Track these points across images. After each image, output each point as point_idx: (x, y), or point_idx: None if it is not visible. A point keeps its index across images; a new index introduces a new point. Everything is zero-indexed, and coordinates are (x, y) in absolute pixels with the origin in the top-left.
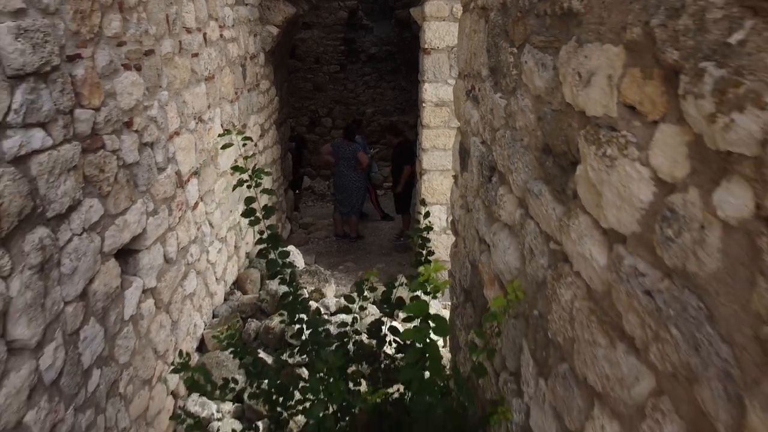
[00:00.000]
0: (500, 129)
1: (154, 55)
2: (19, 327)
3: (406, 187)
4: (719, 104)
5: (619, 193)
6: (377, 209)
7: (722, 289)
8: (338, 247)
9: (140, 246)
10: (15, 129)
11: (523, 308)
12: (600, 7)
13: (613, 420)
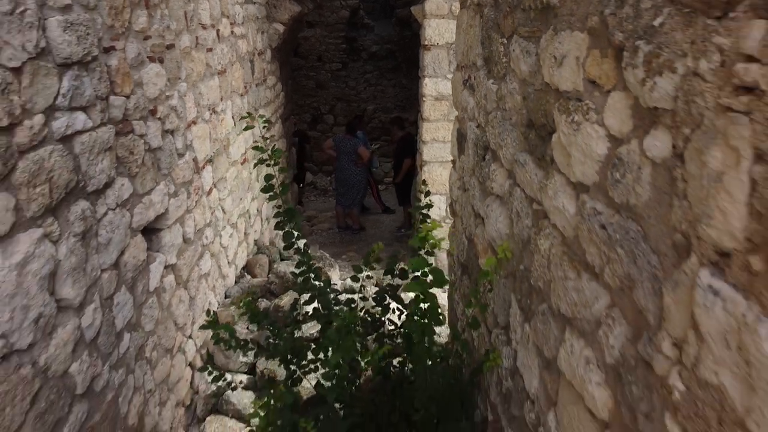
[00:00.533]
0: (492, 111)
1: (174, 49)
2: (65, 287)
3: (407, 179)
4: (647, 71)
5: (583, 150)
6: (378, 203)
7: (652, 213)
8: (341, 238)
9: (162, 225)
10: (63, 111)
11: (511, 267)
12: (571, 1)
13: (580, 338)
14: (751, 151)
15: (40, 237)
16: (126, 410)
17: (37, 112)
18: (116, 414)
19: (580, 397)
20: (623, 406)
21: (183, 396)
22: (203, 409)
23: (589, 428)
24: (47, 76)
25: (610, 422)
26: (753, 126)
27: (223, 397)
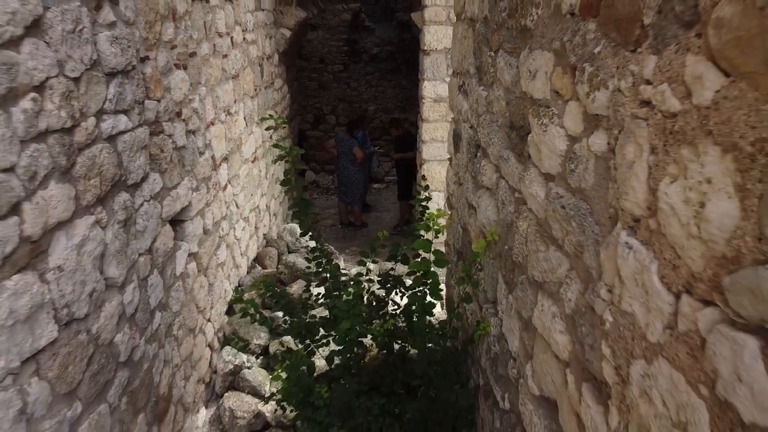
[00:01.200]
0: (483, 114)
1: (196, 57)
2: (111, 267)
3: (407, 175)
4: (590, 87)
5: (550, 147)
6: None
7: (595, 194)
8: (344, 234)
9: (186, 216)
10: (109, 114)
11: (498, 249)
12: (542, 27)
13: (548, 299)
14: (648, 146)
15: (92, 223)
16: (158, 380)
17: (90, 115)
18: (150, 382)
19: (548, 345)
20: (577, 344)
21: (203, 373)
22: (221, 386)
23: (555, 369)
24: (98, 84)
25: (569, 361)
26: (649, 129)
27: (239, 375)
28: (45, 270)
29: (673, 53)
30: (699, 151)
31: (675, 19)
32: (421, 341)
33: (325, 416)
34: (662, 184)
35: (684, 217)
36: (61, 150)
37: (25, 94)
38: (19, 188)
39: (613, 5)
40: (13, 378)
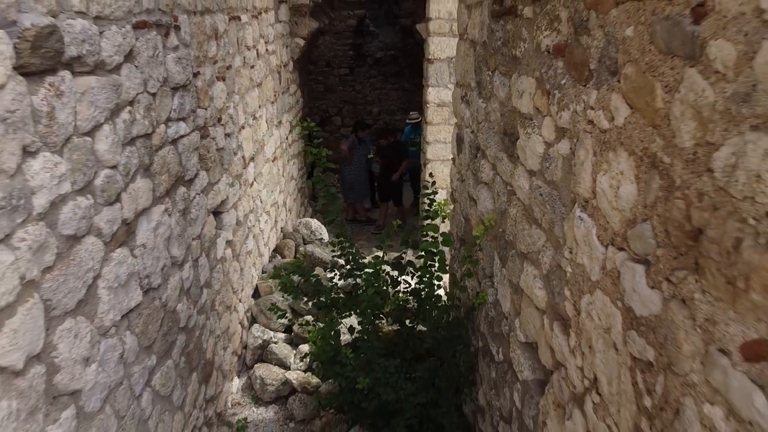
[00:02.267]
0: (482, 122)
1: (231, 69)
2: (174, 248)
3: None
4: (558, 107)
5: (532, 150)
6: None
7: (562, 184)
8: (350, 230)
9: (224, 209)
10: (173, 121)
11: (494, 232)
12: (527, 58)
13: (531, 265)
14: (592, 151)
15: (163, 210)
16: (205, 347)
17: (162, 122)
18: (200, 347)
19: (531, 300)
20: (550, 294)
21: (236, 347)
22: (251, 358)
23: (535, 317)
24: (166, 97)
25: (546, 309)
26: (592, 139)
27: (267, 349)
28: (134, 246)
29: (605, 90)
30: (617, 154)
31: (606, 68)
32: (429, 311)
33: (350, 371)
34: (598, 176)
35: (609, 196)
36: (145, 151)
37: (124, 108)
38: (120, 181)
39: (572, 52)
40: (115, 329)
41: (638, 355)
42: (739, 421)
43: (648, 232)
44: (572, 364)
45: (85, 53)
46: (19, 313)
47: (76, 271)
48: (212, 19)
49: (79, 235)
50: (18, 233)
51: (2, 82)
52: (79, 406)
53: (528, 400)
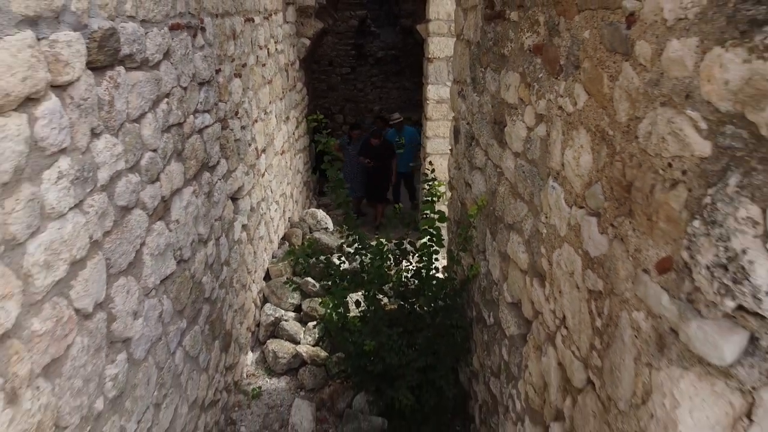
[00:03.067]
0: (476, 114)
1: (246, 67)
2: (200, 226)
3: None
4: (537, 97)
5: (516, 135)
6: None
7: (540, 161)
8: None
9: (240, 195)
10: (199, 113)
11: (486, 212)
12: (513, 56)
13: (516, 234)
14: (561, 131)
15: (192, 191)
16: (225, 318)
17: (191, 113)
18: (221, 318)
19: (516, 264)
20: (530, 255)
21: (251, 323)
22: (264, 334)
23: (519, 277)
24: (194, 91)
25: (527, 269)
26: (561, 121)
27: (278, 326)
28: (169, 221)
29: (570, 81)
30: (578, 132)
31: (571, 63)
32: (428, 282)
33: (358, 337)
34: (565, 150)
35: (573, 166)
36: (178, 138)
37: (163, 99)
38: (160, 163)
39: (547, 51)
40: (155, 291)
41: (592, 287)
42: (653, 317)
43: (599, 190)
44: (547, 309)
45: (135, 51)
46: (88, 266)
47: (127, 237)
48: (231, 20)
49: (129, 206)
50: (87, 200)
51: (78, 75)
52: (129, 352)
53: (513, 352)
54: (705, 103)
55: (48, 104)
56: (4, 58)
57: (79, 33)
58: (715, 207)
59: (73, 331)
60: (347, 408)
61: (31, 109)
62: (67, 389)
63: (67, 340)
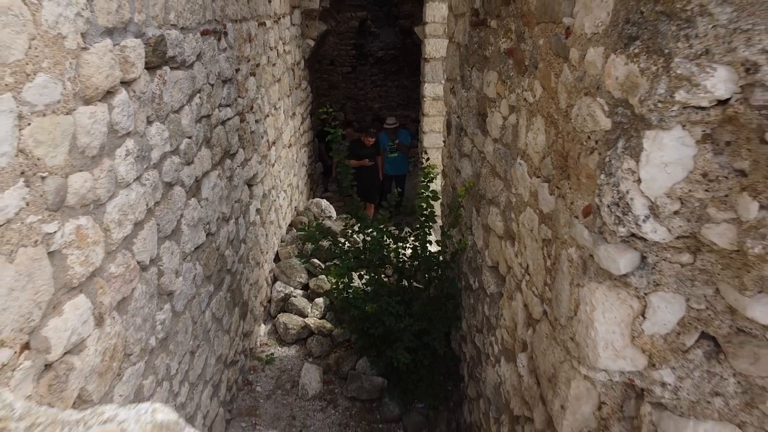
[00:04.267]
0: (464, 107)
1: (259, 66)
2: (223, 206)
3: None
4: (509, 91)
5: (495, 123)
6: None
7: (512, 144)
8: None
9: (254, 182)
10: (223, 107)
11: (473, 192)
12: (493, 57)
13: (494, 207)
14: (526, 119)
15: (217, 175)
16: (243, 290)
17: (216, 107)
18: (240, 289)
19: (494, 232)
20: (504, 223)
21: (263, 298)
22: (275, 309)
23: (496, 242)
24: (219, 87)
25: (503, 235)
26: (526, 111)
27: (288, 301)
28: (200, 198)
29: (531, 78)
30: (536, 118)
31: (532, 64)
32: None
33: (361, 302)
34: (528, 134)
35: (532, 145)
36: (207, 128)
37: (196, 94)
38: (194, 148)
39: (517, 53)
40: (191, 256)
41: (544, 237)
42: (580, 249)
43: (549, 162)
44: (516, 263)
45: (177, 54)
46: (145, 228)
47: (171, 208)
48: (247, 25)
49: (172, 183)
50: (144, 174)
51: (139, 73)
52: (172, 304)
53: (492, 306)
54: (607, 92)
55: (120, 96)
56: (94, 61)
57: (140, 39)
58: (611, 163)
59: (136, 278)
60: (351, 370)
61: (109, 99)
62: (131, 324)
63: (132, 284)
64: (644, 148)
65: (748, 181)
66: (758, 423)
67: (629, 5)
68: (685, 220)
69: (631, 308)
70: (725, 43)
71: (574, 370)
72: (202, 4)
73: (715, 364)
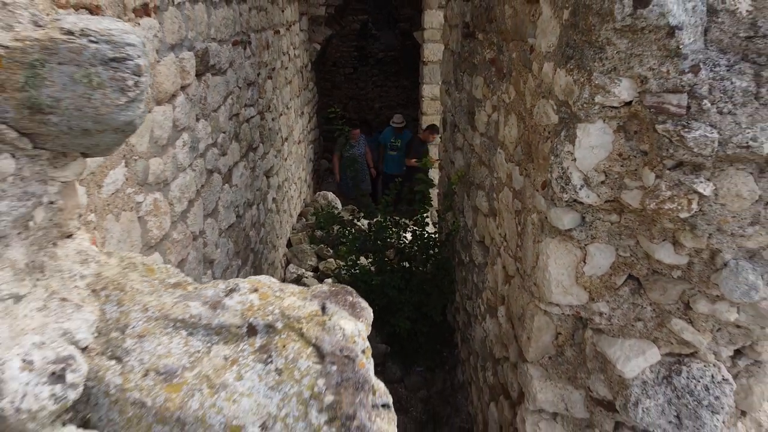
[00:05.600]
0: (457, 107)
1: (274, 70)
2: (248, 193)
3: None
4: (491, 93)
5: (481, 120)
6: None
7: (495, 137)
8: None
9: (271, 173)
10: (247, 106)
11: (464, 180)
12: (480, 64)
13: (481, 191)
14: (504, 115)
15: (244, 165)
16: (263, 268)
17: (243, 106)
18: (261, 267)
19: (481, 211)
20: (488, 203)
21: (278, 278)
22: None
23: (482, 220)
24: (245, 90)
25: (487, 213)
26: (503, 109)
27: (300, 281)
28: (232, 184)
29: (508, 83)
30: (511, 116)
31: (509, 72)
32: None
33: (366, 276)
34: (505, 128)
35: (508, 136)
36: (236, 125)
37: (229, 96)
38: (227, 142)
39: (498, 63)
40: (224, 233)
41: (516, 209)
42: (538, 213)
43: (520, 149)
44: (496, 233)
45: (216, 62)
46: (195, 205)
47: (212, 191)
48: (265, 34)
49: (212, 170)
50: (194, 162)
51: (192, 80)
52: (212, 270)
53: (479, 274)
54: (555, 96)
55: (180, 98)
56: (164, 71)
57: (191, 52)
58: (557, 148)
59: (189, 245)
60: None
61: (173, 101)
62: None
63: (187, 249)
64: (578, 135)
65: (648, 159)
66: (666, 338)
67: (568, 34)
68: (609, 188)
69: (575, 256)
70: (625, 63)
71: (536, 308)
72: (233, 19)
73: (638, 297)
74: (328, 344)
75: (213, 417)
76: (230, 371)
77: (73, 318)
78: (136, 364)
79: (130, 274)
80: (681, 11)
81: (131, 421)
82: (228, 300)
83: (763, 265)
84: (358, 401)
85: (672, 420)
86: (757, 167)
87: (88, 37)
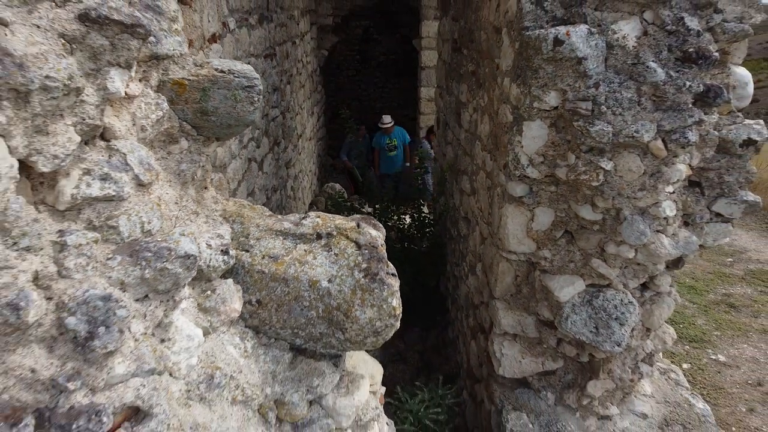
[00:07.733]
0: (448, 107)
1: (292, 76)
2: (274, 179)
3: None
4: (474, 98)
5: (465, 119)
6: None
7: (475, 132)
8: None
9: (290, 165)
10: (273, 107)
11: (453, 169)
12: (465, 74)
13: (465, 176)
14: (481, 115)
15: (271, 156)
16: None
17: (269, 107)
18: None
19: (465, 192)
20: (470, 185)
21: None
22: None
23: (466, 199)
24: (272, 94)
25: (470, 193)
26: (480, 110)
27: None
28: (264, 171)
29: (484, 90)
30: (485, 115)
31: (485, 81)
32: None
33: None
34: (481, 125)
35: (483, 132)
36: (266, 122)
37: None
38: (261, 137)
39: (477, 74)
40: None
41: (488, 186)
42: (500, 187)
43: (490, 140)
44: (475, 207)
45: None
46: (241, 186)
47: (251, 175)
48: (286, 45)
49: (251, 159)
50: (240, 152)
51: None
52: None
53: (463, 243)
54: (511, 102)
55: None
56: None
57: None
58: (512, 139)
59: None
60: None
61: None
62: None
63: None
64: (524, 130)
65: (570, 146)
66: (589, 273)
67: (518, 59)
68: (546, 166)
69: (526, 216)
70: (552, 81)
71: (500, 256)
72: (265, 37)
73: (570, 245)
74: (362, 240)
75: (302, 276)
76: (309, 255)
77: (220, 229)
78: (257, 252)
79: (243, 210)
80: (586, 47)
81: (257, 281)
82: (304, 221)
83: (650, 218)
84: (379, 267)
85: (592, 330)
86: (641, 151)
87: (233, 74)
